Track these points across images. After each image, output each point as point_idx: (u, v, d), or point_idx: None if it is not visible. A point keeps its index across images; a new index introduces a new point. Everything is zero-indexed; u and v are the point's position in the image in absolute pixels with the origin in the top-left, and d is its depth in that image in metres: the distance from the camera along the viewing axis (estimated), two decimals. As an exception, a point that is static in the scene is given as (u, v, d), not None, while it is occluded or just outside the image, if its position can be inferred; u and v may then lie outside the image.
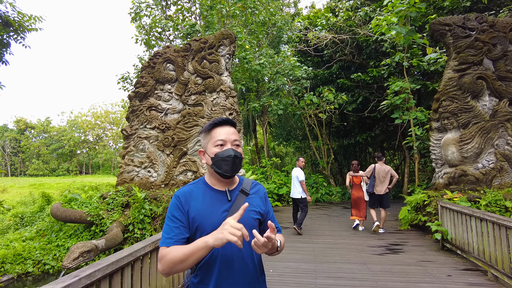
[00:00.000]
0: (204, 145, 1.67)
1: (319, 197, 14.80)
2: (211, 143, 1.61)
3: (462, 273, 5.09)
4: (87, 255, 6.10)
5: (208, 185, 1.64)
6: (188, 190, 1.60)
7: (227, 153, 1.56)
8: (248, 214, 1.59)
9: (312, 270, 5.34)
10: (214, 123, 1.62)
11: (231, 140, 1.60)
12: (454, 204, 6.34)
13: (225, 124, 1.63)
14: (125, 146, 9.60)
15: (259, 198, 1.72)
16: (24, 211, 12.04)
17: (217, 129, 1.61)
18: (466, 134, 7.72)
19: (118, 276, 2.97)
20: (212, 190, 1.62)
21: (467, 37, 8.06)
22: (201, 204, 1.56)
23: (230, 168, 1.56)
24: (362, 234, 8.00)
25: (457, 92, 7.95)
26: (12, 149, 56.20)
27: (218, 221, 1.48)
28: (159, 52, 9.93)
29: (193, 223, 1.52)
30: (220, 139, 1.59)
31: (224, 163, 1.55)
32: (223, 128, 1.61)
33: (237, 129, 8.29)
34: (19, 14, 8.75)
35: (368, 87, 15.40)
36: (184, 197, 1.57)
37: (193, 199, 1.57)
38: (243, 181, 1.73)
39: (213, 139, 1.60)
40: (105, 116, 52.85)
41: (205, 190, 1.62)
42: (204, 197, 1.58)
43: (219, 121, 1.62)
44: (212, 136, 1.61)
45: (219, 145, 1.59)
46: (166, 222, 1.56)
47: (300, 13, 21.22)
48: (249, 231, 1.49)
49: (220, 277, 1.50)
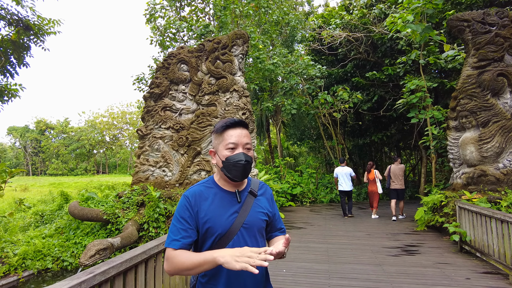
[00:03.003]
0: (215, 146, 1.63)
1: (334, 197, 14.65)
2: (222, 145, 1.57)
3: (482, 276, 4.93)
4: (103, 252, 6.23)
5: (217, 185, 1.63)
6: (198, 191, 1.58)
7: (238, 157, 1.53)
8: (257, 216, 1.60)
9: (325, 270, 5.29)
10: (226, 125, 1.58)
11: (242, 144, 1.56)
12: (473, 205, 6.16)
13: (237, 126, 1.59)
14: (140, 146, 9.75)
15: (266, 199, 1.71)
16: (44, 209, 12.40)
17: (229, 131, 1.57)
18: (486, 133, 7.49)
19: (132, 273, 3.01)
20: (222, 191, 1.60)
21: (487, 32, 7.82)
22: (211, 205, 1.54)
23: (240, 174, 1.54)
24: (377, 235, 7.88)
25: (476, 89, 7.72)
26: (33, 149, 57.97)
27: (228, 223, 1.50)
28: (173, 53, 10.04)
29: (204, 224, 1.51)
30: (231, 142, 1.55)
31: (234, 168, 1.53)
32: (235, 130, 1.57)
33: (251, 129, 8.25)
34: (39, 18, 9.00)
35: (383, 86, 15.15)
36: (194, 197, 1.55)
37: (203, 200, 1.55)
38: (251, 181, 1.72)
39: (225, 141, 1.57)
40: (121, 116, 53.87)
41: (215, 191, 1.60)
42: (214, 198, 1.57)
43: (231, 122, 1.58)
44: (224, 138, 1.57)
45: (230, 148, 1.55)
46: (173, 222, 1.53)
47: (314, 11, 21.08)
48: (257, 233, 1.55)
49: (229, 279, 1.50)
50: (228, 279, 1.49)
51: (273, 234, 1.75)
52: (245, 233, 1.53)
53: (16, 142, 60.06)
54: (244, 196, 1.62)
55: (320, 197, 14.56)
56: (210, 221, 1.50)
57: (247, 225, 1.54)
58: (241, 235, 1.53)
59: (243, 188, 1.65)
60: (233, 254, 1.29)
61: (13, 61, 9.19)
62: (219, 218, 1.51)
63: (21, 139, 57.65)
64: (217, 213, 1.52)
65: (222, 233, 1.50)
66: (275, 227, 1.75)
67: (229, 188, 1.62)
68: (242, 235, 1.53)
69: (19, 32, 8.78)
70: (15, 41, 8.84)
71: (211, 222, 1.50)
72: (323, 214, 11.26)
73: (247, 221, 1.54)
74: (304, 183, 14.76)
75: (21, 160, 58.95)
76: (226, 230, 1.50)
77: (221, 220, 1.51)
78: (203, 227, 1.51)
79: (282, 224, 1.77)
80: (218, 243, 1.50)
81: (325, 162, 20.79)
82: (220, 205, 1.55)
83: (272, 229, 1.74)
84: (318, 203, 14.21)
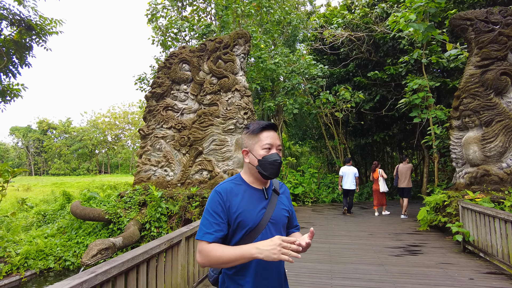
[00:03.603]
0: (249, 145, 1.72)
1: (336, 197, 14.61)
2: (258, 145, 1.68)
3: (485, 276, 4.90)
4: (105, 252, 6.24)
5: (246, 183, 1.72)
6: (229, 187, 1.67)
7: (274, 157, 1.65)
8: (281, 212, 1.73)
9: (328, 270, 5.26)
10: (262, 127, 1.69)
11: (276, 145, 1.69)
12: (476, 204, 6.12)
13: (271, 128, 1.71)
14: (142, 145, 9.76)
15: (286, 197, 1.84)
16: (46, 209, 12.43)
17: (265, 133, 1.69)
18: (489, 132, 7.45)
19: (133, 273, 3.00)
20: (251, 188, 1.71)
21: (490, 31, 7.77)
22: (242, 201, 1.64)
23: (275, 172, 1.66)
24: (380, 234, 7.85)
25: (479, 89, 7.68)
26: (35, 149, 58.08)
27: (258, 217, 1.62)
28: (175, 52, 10.04)
29: (236, 218, 1.60)
30: (268, 142, 1.67)
31: (270, 166, 1.64)
32: (270, 132, 1.70)
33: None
34: (41, 18, 9.03)
35: (385, 85, 15.09)
36: (226, 193, 1.64)
37: (233, 196, 1.64)
38: (272, 181, 1.82)
39: (261, 142, 1.68)
40: (123, 116, 53.93)
41: (245, 187, 1.70)
42: (244, 194, 1.66)
43: (267, 125, 1.70)
44: (260, 138, 1.68)
45: (267, 149, 1.67)
46: (206, 216, 1.61)
47: (316, 11, 21.04)
48: (281, 228, 1.71)
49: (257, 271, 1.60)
50: (256, 271, 1.60)
51: (290, 231, 1.89)
52: (272, 228, 1.65)
53: (18, 142, 60.23)
54: (269, 193, 1.74)
55: (322, 197, 14.53)
56: (242, 215, 1.60)
57: (273, 220, 1.67)
58: (269, 229, 1.64)
59: (268, 186, 1.77)
60: (268, 248, 1.41)
61: (15, 61, 9.22)
62: (250, 212, 1.62)
63: (24, 139, 57.81)
64: (248, 208, 1.63)
65: (253, 227, 1.61)
66: (292, 224, 1.90)
67: (257, 185, 1.72)
68: (269, 229, 1.64)
69: (21, 32, 8.80)
70: (17, 41, 8.86)
71: (242, 216, 1.60)
72: (325, 214, 11.23)
73: (274, 217, 1.67)
74: (306, 183, 14.72)
75: (23, 160, 59.11)
76: (257, 224, 1.61)
77: (252, 215, 1.62)
78: (235, 221, 1.60)
79: (297, 222, 1.92)
80: (248, 236, 1.60)
81: (327, 162, 20.75)
82: (250, 201, 1.65)
83: (290, 225, 1.87)
84: (320, 203, 14.18)
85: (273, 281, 1.64)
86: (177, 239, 3.82)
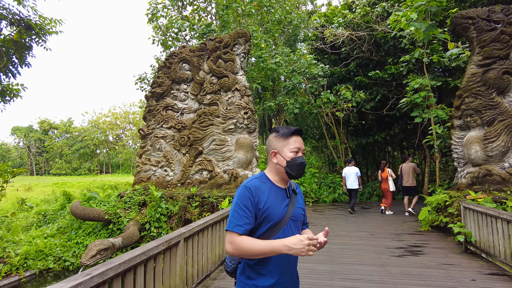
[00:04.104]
0: (278, 147, 1.88)
1: (336, 197, 14.56)
2: (287, 148, 1.85)
3: (488, 277, 4.85)
4: (104, 252, 6.21)
5: (271, 181, 1.89)
6: (257, 184, 1.83)
7: (301, 160, 1.84)
8: (299, 210, 1.91)
9: (328, 271, 5.22)
10: (292, 132, 1.87)
11: (302, 149, 1.89)
12: (478, 205, 6.07)
13: (299, 134, 1.90)
14: (142, 145, 9.73)
15: (301, 197, 2.03)
16: (47, 209, 12.42)
17: (294, 137, 1.87)
18: (491, 132, 7.39)
19: (130, 275, 2.97)
20: (275, 187, 1.88)
21: (492, 30, 7.71)
22: (269, 197, 1.80)
23: (301, 173, 1.85)
24: (381, 235, 7.80)
25: (481, 88, 7.62)
26: (37, 149, 58.20)
27: (282, 213, 1.80)
28: (175, 52, 10.00)
29: (263, 213, 1.76)
30: (296, 146, 1.85)
31: (298, 167, 1.83)
32: (298, 137, 1.89)
33: (253, 128, 8.18)
34: (40, 17, 9.01)
35: (386, 85, 15.03)
36: (255, 189, 1.79)
37: (261, 192, 1.80)
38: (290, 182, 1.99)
39: (290, 145, 1.85)
40: (124, 116, 53.97)
41: (270, 185, 1.87)
42: (270, 192, 1.83)
43: (295, 130, 1.89)
44: (289, 142, 1.86)
45: (295, 152, 1.84)
46: (236, 209, 1.76)
47: (317, 10, 20.97)
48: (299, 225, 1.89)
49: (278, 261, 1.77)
50: (277, 261, 1.76)
51: (302, 227, 2.03)
52: (292, 224, 1.83)
53: (20, 142, 60.39)
54: (290, 193, 1.92)
55: (323, 197, 14.47)
56: (268, 210, 1.77)
57: (294, 217, 1.85)
58: (289, 225, 1.82)
59: (288, 186, 1.94)
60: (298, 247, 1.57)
61: (15, 61, 9.19)
62: (276, 208, 1.79)
63: (25, 139, 57.93)
64: (273, 204, 1.80)
65: (277, 221, 1.78)
66: (304, 222, 2.06)
67: (281, 185, 1.90)
68: (290, 225, 1.82)
69: (21, 32, 8.78)
70: (17, 41, 8.84)
71: (269, 211, 1.77)
72: (325, 214, 11.18)
73: (294, 214, 1.85)
74: (306, 183, 14.67)
75: (25, 160, 59.23)
76: (281, 219, 1.78)
77: (278, 211, 1.79)
78: (262, 215, 1.76)
79: (306, 219, 2.08)
80: (272, 230, 1.77)
81: (328, 162, 20.67)
82: (275, 199, 1.83)
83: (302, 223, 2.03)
84: (321, 203, 14.13)
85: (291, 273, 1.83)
86: (175, 240, 3.79)
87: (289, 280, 1.82)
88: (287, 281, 1.80)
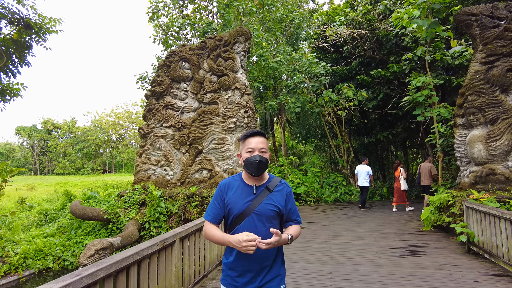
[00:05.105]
0: (240, 150, 2.16)
1: (338, 196, 14.45)
2: (244, 150, 2.10)
3: (491, 278, 4.75)
4: (102, 252, 6.17)
5: (242, 179, 2.15)
6: (228, 182, 2.15)
7: (254, 158, 2.03)
8: (267, 206, 2.05)
9: (328, 272, 5.14)
10: (247, 135, 2.11)
11: (258, 148, 2.06)
12: (481, 204, 5.96)
13: (256, 135, 2.10)
14: (142, 144, 9.69)
15: (281, 195, 2.13)
16: (48, 208, 12.42)
17: (250, 139, 2.09)
18: (495, 130, 7.27)
19: (123, 275, 2.91)
20: (243, 184, 2.12)
21: (495, 27, 7.58)
22: (234, 194, 2.08)
23: (255, 170, 2.04)
24: (382, 235, 7.71)
25: (484, 86, 7.50)
26: (40, 148, 58.44)
27: (242, 207, 2.03)
28: (175, 50, 9.95)
29: (227, 206, 2.08)
30: (250, 147, 2.06)
31: (251, 165, 2.04)
32: (254, 138, 2.08)
33: (253, 127, 8.10)
34: (40, 16, 8.98)
35: (388, 83, 14.90)
36: (224, 186, 2.13)
37: (229, 189, 2.10)
38: (272, 179, 2.17)
39: (246, 147, 2.09)
40: (127, 116, 54.08)
41: (239, 183, 2.13)
42: (237, 189, 2.10)
43: (251, 133, 2.11)
44: (245, 144, 2.10)
45: (249, 152, 2.06)
46: (211, 202, 2.16)
47: (319, 9, 20.86)
48: (265, 219, 2.03)
49: (239, 254, 2.01)
50: (237, 255, 2.04)
51: (287, 224, 2.21)
52: (255, 218, 2.01)
53: (24, 142, 60.63)
54: (260, 190, 2.09)
55: (325, 196, 14.38)
56: (230, 204, 2.06)
57: (258, 212, 2.02)
58: (252, 218, 2.01)
59: (262, 184, 2.12)
60: (236, 245, 1.86)
61: (15, 60, 9.18)
62: (236, 203, 2.05)
63: (29, 139, 58.19)
64: (236, 200, 2.06)
65: (237, 214, 2.03)
66: (291, 218, 2.19)
67: (250, 182, 2.12)
68: (252, 218, 2.01)
69: (21, 31, 8.76)
70: (17, 40, 8.82)
71: (231, 205, 2.06)
72: (327, 213, 11.10)
73: (258, 209, 2.02)
74: (308, 182, 14.58)
75: (28, 159, 59.51)
76: (240, 213, 2.02)
77: (238, 205, 2.04)
78: (227, 207, 2.08)
79: (297, 217, 2.21)
80: (235, 221, 2.05)
81: (330, 161, 20.58)
82: (240, 194, 2.07)
83: (288, 219, 2.19)
84: (323, 203, 14.04)
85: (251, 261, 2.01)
86: (170, 240, 3.73)
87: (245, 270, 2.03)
88: (243, 269, 2.03)
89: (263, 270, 2.05)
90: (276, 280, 2.09)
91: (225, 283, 2.12)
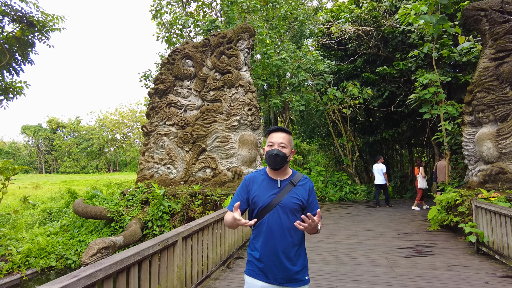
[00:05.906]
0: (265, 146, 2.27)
1: (343, 195, 14.32)
2: (266, 144, 2.21)
3: (502, 280, 4.61)
4: (105, 251, 6.10)
5: (266, 174, 2.25)
6: (253, 176, 2.26)
7: (271, 152, 2.14)
8: (291, 200, 2.13)
9: (333, 272, 5.03)
10: (271, 130, 2.25)
11: (278, 143, 2.16)
12: (491, 204, 5.81)
13: (278, 131, 2.22)
14: (145, 143, 9.63)
15: (304, 190, 2.20)
16: (52, 207, 12.42)
17: (272, 134, 2.21)
18: (505, 128, 7.10)
19: (123, 276, 2.82)
20: (268, 178, 2.22)
21: (505, 22, 7.40)
22: (259, 187, 2.18)
23: (272, 163, 2.16)
24: (388, 234, 7.57)
25: (493, 82, 7.33)
26: (45, 147, 58.81)
27: (267, 200, 2.13)
28: (178, 48, 9.87)
29: (253, 199, 2.17)
30: (271, 141, 2.18)
31: (270, 158, 2.16)
32: (276, 133, 2.20)
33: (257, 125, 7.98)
34: (43, 14, 8.92)
35: (394, 81, 14.71)
36: (250, 180, 2.24)
37: (254, 183, 2.21)
38: (295, 174, 2.26)
39: (268, 141, 2.20)
40: (131, 115, 54.21)
41: (264, 177, 2.23)
42: (262, 182, 2.20)
43: (274, 128, 2.24)
44: (268, 138, 2.21)
45: (270, 145, 2.18)
46: (234, 194, 2.28)
47: (323, 6, 20.67)
48: (289, 212, 2.11)
49: (266, 237, 2.11)
50: (265, 239, 2.11)
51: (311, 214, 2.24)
52: (280, 210, 2.10)
53: (29, 141, 61.05)
54: (284, 184, 2.18)
55: (329, 195, 14.25)
56: (256, 197, 2.16)
57: (282, 205, 2.11)
58: (277, 211, 2.10)
59: (286, 178, 2.21)
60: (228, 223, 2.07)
61: (18, 58, 9.14)
62: (261, 196, 2.15)
63: (34, 138, 58.56)
64: (260, 193, 2.16)
65: (262, 207, 2.12)
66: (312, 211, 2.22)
67: (273, 176, 2.22)
68: (277, 211, 2.10)
69: (23, 29, 8.71)
70: (20, 38, 8.78)
71: (256, 198, 2.15)
72: (332, 212, 10.97)
73: (282, 202, 2.11)
74: (312, 181, 14.45)
75: (34, 158, 59.94)
76: (265, 205, 2.12)
77: (263, 198, 2.14)
78: (252, 200, 2.17)
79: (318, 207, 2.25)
80: (260, 213, 2.13)
81: (335, 160, 20.39)
82: (264, 188, 2.17)
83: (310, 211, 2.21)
84: (327, 202, 13.91)
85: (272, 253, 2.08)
86: (172, 240, 3.63)
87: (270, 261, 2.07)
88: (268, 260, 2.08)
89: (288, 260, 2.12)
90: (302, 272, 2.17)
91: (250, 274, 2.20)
